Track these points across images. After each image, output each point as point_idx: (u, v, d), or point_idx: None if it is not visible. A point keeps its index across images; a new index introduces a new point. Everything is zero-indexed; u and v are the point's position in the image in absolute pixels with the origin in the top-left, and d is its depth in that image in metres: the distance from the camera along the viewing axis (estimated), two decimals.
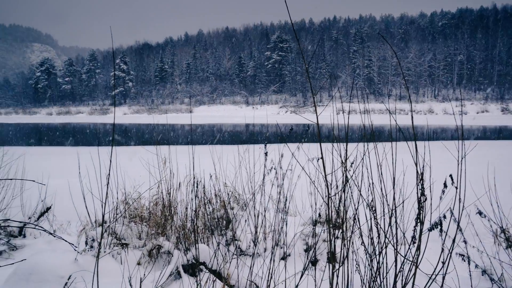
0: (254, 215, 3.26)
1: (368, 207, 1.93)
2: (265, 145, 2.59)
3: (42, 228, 1.37)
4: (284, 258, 3.07)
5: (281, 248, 3.10)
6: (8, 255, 3.76)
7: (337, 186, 2.11)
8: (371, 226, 1.90)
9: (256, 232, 3.32)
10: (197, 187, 2.86)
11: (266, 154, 2.53)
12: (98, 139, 24.79)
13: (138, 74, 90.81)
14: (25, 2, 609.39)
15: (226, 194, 3.70)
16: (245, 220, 3.25)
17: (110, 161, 1.38)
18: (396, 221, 1.79)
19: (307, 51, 72.95)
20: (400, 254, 1.72)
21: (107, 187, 1.40)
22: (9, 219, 1.39)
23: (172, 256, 3.12)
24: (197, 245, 2.45)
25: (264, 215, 2.94)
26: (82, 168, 3.38)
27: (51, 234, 1.36)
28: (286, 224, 2.32)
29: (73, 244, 1.68)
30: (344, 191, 1.78)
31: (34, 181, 1.35)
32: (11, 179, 1.33)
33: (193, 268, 2.98)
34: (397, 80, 68.09)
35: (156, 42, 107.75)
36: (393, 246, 1.74)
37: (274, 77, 76.56)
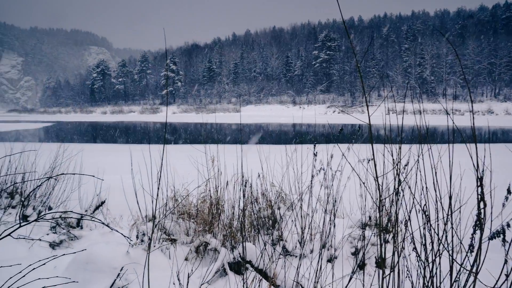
0: (301, 216, 3.23)
1: (421, 212, 1.84)
2: (314, 146, 2.56)
3: (100, 220, 1.44)
4: (330, 260, 3.02)
5: (328, 250, 3.05)
6: (68, 244, 4.00)
7: (388, 189, 2.03)
8: (424, 232, 1.81)
9: (302, 233, 3.28)
10: (245, 186, 2.88)
11: (315, 154, 2.49)
12: (149, 138, 25.76)
13: (187, 74, 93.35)
14: (84, 8, 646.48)
15: (272, 194, 3.70)
16: (292, 221, 3.23)
17: (162, 159, 1.41)
18: (452, 227, 1.70)
19: (356, 50, 71.28)
20: (456, 262, 1.62)
21: (158, 184, 1.44)
22: (71, 211, 1.47)
23: (219, 253, 3.17)
24: (244, 243, 2.46)
25: (312, 216, 2.90)
26: (134, 165, 3.52)
27: (107, 226, 1.42)
28: (334, 226, 2.27)
29: (128, 238, 1.75)
30: (397, 194, 1.71)
31: (93, 176, 1.42)
32: (73, 174, 1.41)
33: (238, 266, 3.00)
34: (452, 79, 64.65)
35: (205, 42, 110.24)
36: (449, 253, 1.64)
37: (321, 76, 75.57)
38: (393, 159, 1.87)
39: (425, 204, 1.83)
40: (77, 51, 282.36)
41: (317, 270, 2.07)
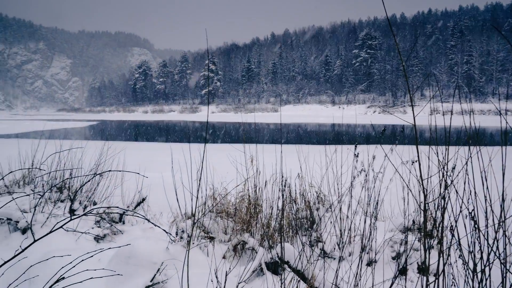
0: (340, 218, 3.17)
1: (469, 217, 1.75)
2: (356, 146, 2.49)
3: (142, 216, 1.47)
4: (370, 264, 2.94)
5: (367, 253, 2.97)
6: (111, 238, 4.15)
7: (433, 193, 1.95)
8: (473, 239, 1.72)
9: (341, 235, 3.22)
10: (284, 186, 2.86)
11: (356, 155, 2.43)
12: (189, 137, 26.29)
13: (225, 74, 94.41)
14: (128, 11, 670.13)
15: (311, 195, 3.65)
16: (331, 222, 3.18)
17: (202, 158, 1.43)
18: (505, 234, 1.59)
19: (398, 48, 69.14)
20: (510, 272, 1.53)
21: (199, 183, 1.45)
22: (116, 207, 1.51)
23: (256, 253, 3.17)
24: (283, 243, 2.45)
25: (352, 219, 2.84)
26: (174, 163, 3.60)
27: (149, 221, 1.45)
28: (376, 229, 2.21)
29: (171, 234, 1.78)
30: (443, 198, 1.63)
31: (138, 173, 1.46)
32: (119, 171, 1.47)
33: (275, 266, 2.99)
34: (504, 77, 61.10)
35: (243, 42, 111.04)
36: (501, 263, 1.55)
37: (361, 75, 73.96)
38: (439, 161, 1.79)
39: (473, 209, 1.74)
40: (121, 52, 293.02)
41: (356, 274, 2.02)
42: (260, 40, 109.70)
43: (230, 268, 2.44)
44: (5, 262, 1.09)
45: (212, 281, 2.53)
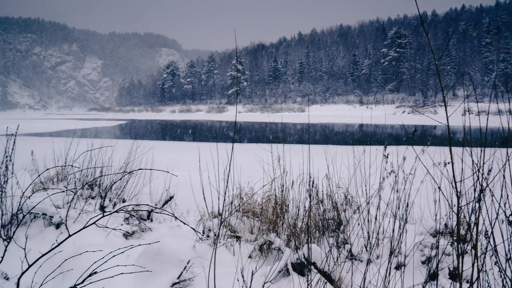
0: (368, 220, 3.12)
1: (506, 222, 1.68)
2: (385, 147, 2.44)
3: (171, 213, 1.49)
4: (399, 267, 2.87)
5: (396, 256, 2.90)
6: (139, 235, 4.24)
7: (466, 196, 1.88)
8: (510, 245, 1.64)
9: (369, 237, 3.17)
10: (312, 186, 2.84)
11: (386, 156, 2.38)
12: (216, 136, 26.52)
13: (252, 73, 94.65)
14: (157, 12, 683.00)
15: (338, 196, 3.61)
16: (358, 224, 3.13)
17: (231, 158, 1.43)
18: None
19: (431, 46, 67.01)
20: None
21: (227, 182, 1.46)
22: (147, 205, 1.54)
23: (282, 253, 3.16)
24: (310, 244, 2.43)
25: (381, 221, 2.78)
26: (201, 162, 3.63)
27: (177, 219, 1.47)
28: (406, 232, 2.15)
29: (199, 232, 1.80)
30: (478, 201, 1.57)
31: (168, 172, 1.48)
32: (150, 169, 1.50)
33: (301, 267, 2.97)
34: None
35: (270, 42, 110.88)
36: None
37: (390, 75, 72.41)
38: (473, 163, 1.73)
39: (510, 214, 1.67)
40: (149, 53, 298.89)
41: (385, 277, 1.98)
42: (287, 40, 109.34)
43: (256, 268, 2.44)
44: (43, 255, 1.13)
45: (238, 280, 2.54)
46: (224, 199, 1.63)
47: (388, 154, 2.48)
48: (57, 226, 4.04)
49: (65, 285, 2.68)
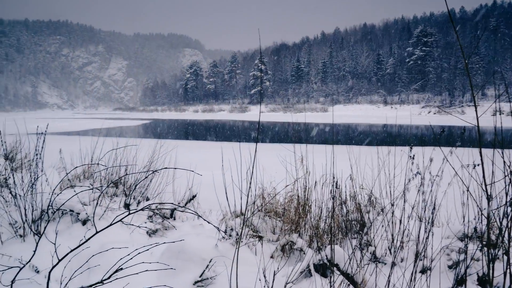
0: (392, 222, 3.06)
1: None
2: (411, 148, 2.39)
3: (195, 212, 1.51)
4: (424, 271, 2.81)
5: (421, 260, 2.84)
6: (162, 233, 4.30)
7: (497, 199, 1.82)
8: None
9: (393, 239, 3.11)
10: (336, 187, 2.81)
11: (412, 157, 2.33)
12: (239, 136, 26.62)
13: (275, 73, 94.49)
14: (180, 13, 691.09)
15: (362, 197, 3.56)
16: (382, 226, 3.07)
17: (254, 158, 1.43)
18: None
19: (461, 44, 64.98)
20: None
21: (250, 182, 1.46)
22: (172, 203, 1.56)
23: (305, 254, 3.14)
24: (333, 245, 2.40)
25: (406, 223, 2.73)
26: (224, 161, 3.65)
27: (200, 217, 1.48)
28: (433, 235, 2.10)
29: (222, 230, 1.81)
30: (511, 205, 1.52)
31: (192, 171, 1.49)
32: (175, 168, 1.51)
33: (324, 269, 2.94)
34: None
35: (293, 42, 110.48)
36: None
37: (415, 74, 70.82)
38: (505, 165, 1.67)
39: None
40: (173, 53, 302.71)
41: (410, 281, 1.93)
42: (309, 39, 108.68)
43: (278, 268, 2.43)
44: (72, 250, 1.16)
45: (260, 280, 2.54)
46: (247, 199, 1.63)
47: (414, 155, 2.42)
48: (84, 222, 4.14)
49: (91, 280, 2.74)
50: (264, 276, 2.11)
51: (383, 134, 27.04)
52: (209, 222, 1.41)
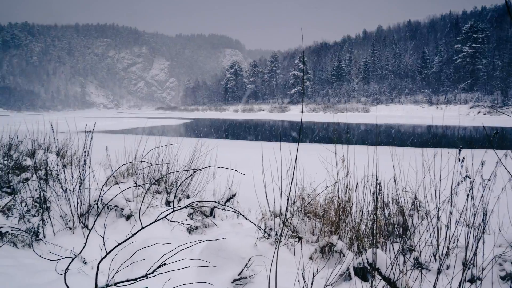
0: (438, 227, 2.93)
1: None
2: (460, 150, 2.28)
3: (237, 210, 1.52)
4: (472, 281, 2.67)
5: (469, 269, 2.70)
6: (202, 231, 4.37)
7: None
8: None
9: (438, 245, 2.98)
10: (379, 189, 2.73)
11: (462, 160, 2.22)
12: (279, 135, 26.60)
13: (315, 73, 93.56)
14: (221, 14, 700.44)
15: (405, 200, 3.44)
16: (427, 231, 2.95)
17: (296, 158, 1.42)
18: None
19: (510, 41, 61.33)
20: None
21: (291, 182, 1.45)
22: (214, 201, 1.58)
23: (344, 256, 3.08)
24: (375, 249, 2.34)
25: (454, 229, 2.60)
26: (264, 161, 3.65)
27: (240, 214, 1.49)
28: (484, 242, 1.99)
29: (262, 230, 1.81)
30: None
31: (235, 170, 1.50)
32: (218, 167, 1.53)
33: (364, 272, 2.87)
34: None
35: (334, 41, 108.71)
36: None
37: (464, 73, 67.51)
38: None
39: None
40: (214, 53, 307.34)
41: None
42: (351, 38, 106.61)
43: (317, 270, 2.40)
44: (119, 244, 1.20)
45: (298, 281, 2.52)
46: (288, 199, 1.62)
47: (463, 158, 2.31)
48: (127, 218, 4.29)
49: (134, 274, 2.83)
50: (303, 277, 2.09)
51: (428, 135, 26.04)
52: (251, 222, 1.42)
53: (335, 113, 65.76)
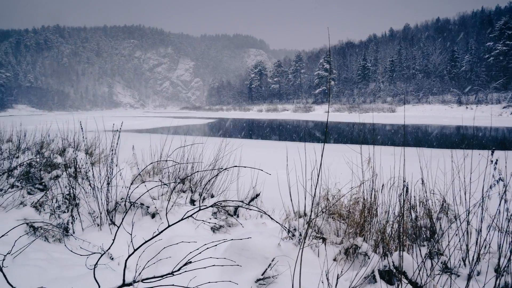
0: (467, 232, 2.84)
1: None
2: (492, 152, 2.20)
3: (260, 209, 1.52)
4: None
5: (502, 276, 2.60)
6: (225, 230, 4.39)
7: None
8: None
9: (467, 250, 2.89)
10: (406, 191, 2.68)
11: (495, 162, 2.14)
12: (304, 135, 26.46)
13: (340, 72, 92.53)
14: (246, 14, 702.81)
15: (432, 203, 3.36)
16: (456, 235, 2.87)
17: (321, 158, 1.40)
18: None
19: None
20: None
21: (317, 183, 1.44)
22: (241, 201, 1.59)
23: (369, 258, 3.03)
24: (401, 252, 2.29)
25: (486, 234, 2.52)
26: (289, 161, 3.64)
27: (266, 214, 1.49)
28: None
29: (287, 229, 1.80)
30: None
31: (261, 170, 1.51)
32: (244, 167, 1.53)
33: (389, 275, 2.81)
34: None
35: (359, 40, 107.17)
36: None
37: (496, 71, 65.09)
38: None
39: None
40: (238, 53, 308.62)
41: None
42: (377, 37, 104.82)
43: (341, 271, 2.37)
44: (146, 241, 1.23)
45: (322, 282, 2.50)
46: (313, 200, 1.61)
47: (497, 160, 2.22)
48: (153, 215, 4.36)
49: (159, 271, 2.88)
50: (327, 279, 2.07)
51: (457, 136, 25.31)
52: (276, 222, 1.41)
53: (360, 113, 64.80)
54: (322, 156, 1.53)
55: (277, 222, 1.52)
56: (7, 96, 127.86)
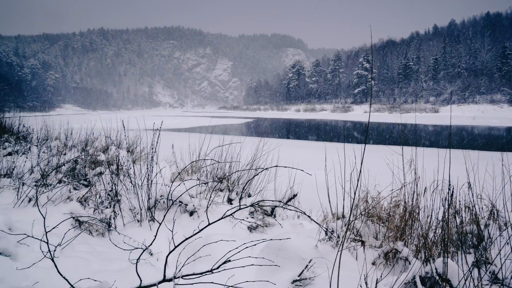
0: None
1: None
2: None
3: (299, 209, 1.50)
4: None
5: None
6: (262, 230, 4.40)
7: None
8: None
9: None
10: (451, 195, 2.56)
11: None
12: (344, 136, 26.07)
13: (380, 72, 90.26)
14: (283, 14, 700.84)
15: (479, 208, 3.19)
16: (508, 243, 2.71)
17: (362, 159, 1.37)
18: None
19: None
20: None
21: (357, 184, 1.40)
22: (280, 201, 1.58)
23: (410, 264, 2.93)
24: (446, 259, 2.19)
25: None
26: (327, 161, 3.58)
27: (305, 214, 1.47)
28: None
29: (325, 230, 1.77)
30: None
31: (302, 170, 1.49)
32: (284, 167, 1.53)
33: (432, 283, 2.70)
34: None
35: (401, 38, 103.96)
36: None
37: None
38: None
39: None
40: (276, 53, 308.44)
41: None
42: (420, 35, 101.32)
43: (381, 276, 2.31)
44: (187, 239, 1.25)
45: (361, 286, 2.44)
46: (352, 201, 1.57)
47: None
48: (191, 213, 4.44)
49: (196, 268, 2.92)
50: (366, 283, 2.02)
51: (508, 138, 23.98)
52: (316, 222, 1.39)
53: (401, 113, 62.83)
54: (362, 156, 1.49)
55: (316, 222, 1.50)
56: (56, 96, 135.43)
